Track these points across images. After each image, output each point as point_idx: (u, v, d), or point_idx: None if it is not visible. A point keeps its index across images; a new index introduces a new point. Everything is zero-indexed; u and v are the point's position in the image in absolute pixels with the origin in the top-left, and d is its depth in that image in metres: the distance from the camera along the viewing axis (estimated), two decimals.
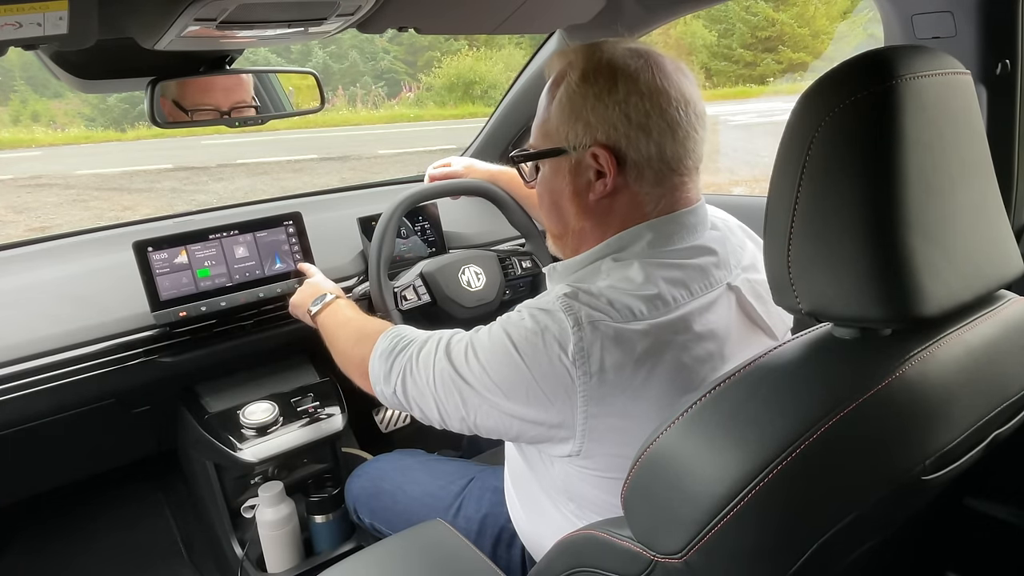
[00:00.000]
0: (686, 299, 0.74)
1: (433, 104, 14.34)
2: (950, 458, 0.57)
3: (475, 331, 0.80)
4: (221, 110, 1.20)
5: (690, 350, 0.72)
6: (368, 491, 1.18)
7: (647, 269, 0.74)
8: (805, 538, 0.51)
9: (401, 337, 0.88)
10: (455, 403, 0.78)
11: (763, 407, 0.53)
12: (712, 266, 0.77)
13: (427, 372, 0.80)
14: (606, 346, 0.69)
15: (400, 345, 0.86)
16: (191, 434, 1.36)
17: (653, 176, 0.76)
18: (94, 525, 1.60)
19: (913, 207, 0.51)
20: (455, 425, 0.81)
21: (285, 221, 1.40)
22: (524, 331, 0.72)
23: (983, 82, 0.95)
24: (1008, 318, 0.62)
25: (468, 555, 0.84)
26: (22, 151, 10.35)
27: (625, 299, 0.72)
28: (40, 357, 1.18)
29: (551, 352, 0.70)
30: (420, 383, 0.81)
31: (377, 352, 0.88)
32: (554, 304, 0.72)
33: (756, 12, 13.73)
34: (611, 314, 0.71)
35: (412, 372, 0.82)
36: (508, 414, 0.74)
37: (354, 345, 0.97)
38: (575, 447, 0.73)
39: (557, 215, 0.83)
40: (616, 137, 0.75)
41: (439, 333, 0.84)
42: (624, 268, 0.75)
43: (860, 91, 0.51)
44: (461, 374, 0.76)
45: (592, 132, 0.75)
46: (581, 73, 0.76)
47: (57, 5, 0.70)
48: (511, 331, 0.74)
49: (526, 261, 1.53)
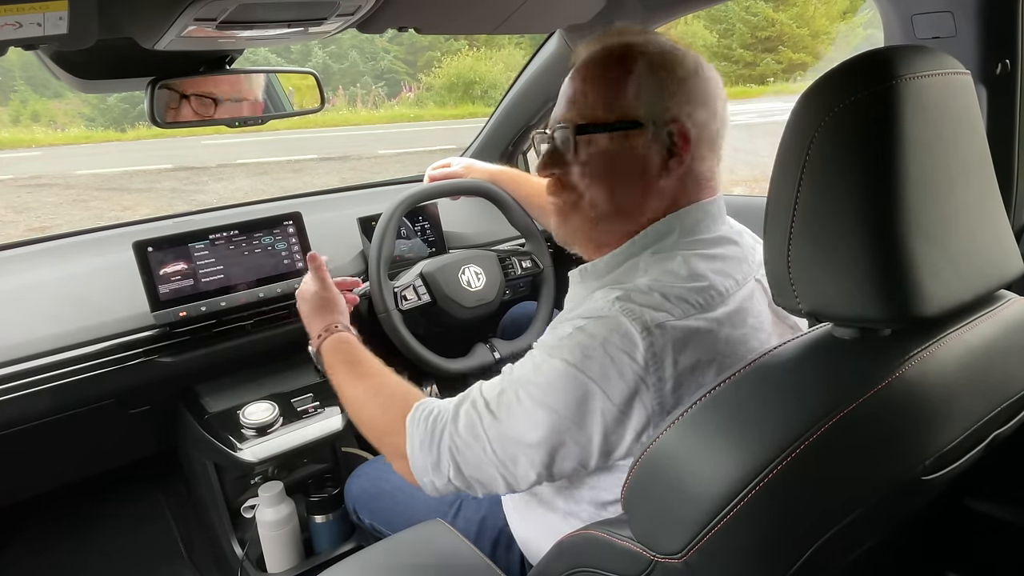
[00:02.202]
0: (735, 288, 0.73)
1: (433, 104, 14.34)
2: (950, 458, 0.57)
3: (511, 373, 0.73)
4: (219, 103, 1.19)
5: (748, 343, 0.71)
6: (368, 491, 1.18)
7: (690, 261, 0.72)
8: (805, 538, 0.51)
9: (433, 416, 0.78)
10: (523, 464, 0.71)
11: (763, 407, 0.53)
12: (740, 257, 0.77)
13: (479, 446, 0.72)
14: (678, 348, 0.66)
15: (437, 427, 0.77)
16: (191, 434, 1.36)
17: (710, 159, 0.78)
18: (94, 525, 1.60)
19: (913, 207, 0.51)
20: (526, 486, 0.73)
21: (285, 221, 1.40)
22: (582, 347, 0.67)
23: (983, 82, 0.95)
24: (1008, 318, 0.62)
25: (468, 555, 0.84)
26: (22, 151, 10.34)
27: (679, 292, 0.69)
28: (40, 357, 1.18)
29: (619, 363, 0.66)
30: (476, 462, 0.73)
31: (415, 444, 0.78)
32: (610, 310, 0.68)
33: (756, 12, 13.75)
34: (673, 311, 0.68)
35: (460, 452, 0.74)
36: (584, 446, 0.69)
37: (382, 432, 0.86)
38: None
39: (610, 195, 0.78)
40: (695, 116, 0.75)
41: (467, 396, 0.76)
42: (665, 261, 0.73)
43: (860, 91, 0.51)
44: (520, 429, 0.70)
45: (675, 109, 0.75)
46: (663, 57, 0.76)
47: (57, 5, 0.70)
48: (566, 354, 0.68)
49: (526, 261, 1.53)
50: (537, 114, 1.73)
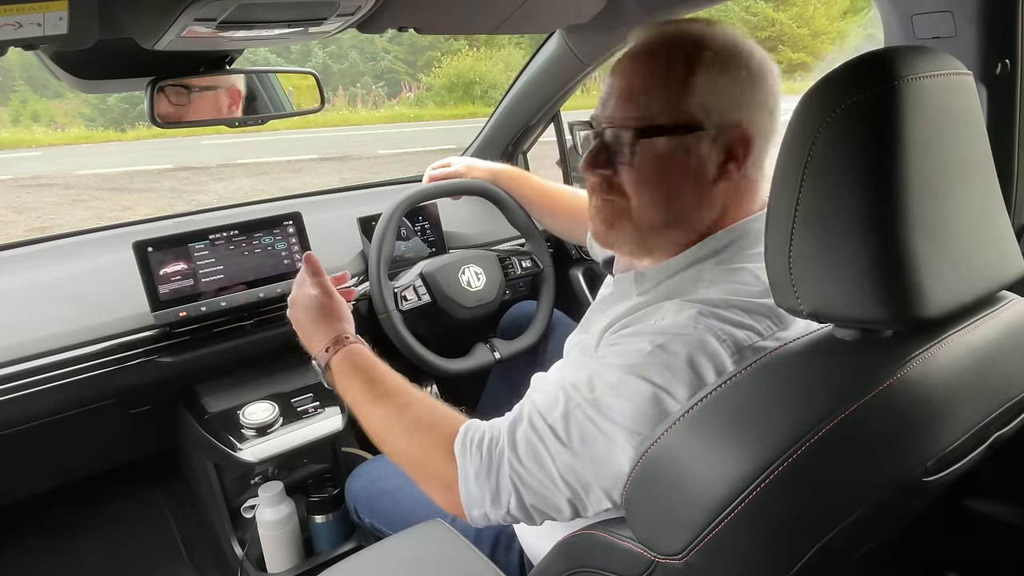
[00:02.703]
0: None
1: (433, 104, 14.34)
2: (951, 459, 0.57)
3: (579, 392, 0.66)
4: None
5: None
6: (368, 491, 1.18)
7: (758, 274, 0.68)
8: (806, 539, 0.51)
9: (488, 442, 0.71)
10: (598, 493, 0.65)
11: (764, 408, 0.53)
12: None
13: (547, 475, 0.66)
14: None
15: (494, 454, 0.69)
16: (191, 434, 1.36)
17: (759, 170, 0.74)
18: (94, 525, 1.60)
19: (914, 208, 0.51)
20: (594, 512, 0.67)
21: (285, 221, 1.40)
22: (666, 369, 0.62)
23: (983, 82, 0.95)
24: (1009, 319, 0.62)
25: (467, 555, 0.84)
26: (22, 151, 10.35)
27: (757, 308, 0.65)
28: (40, 357, 1.18)
29: (707, 383, 0.61)
30: (542, 491, 0.67)
31: (470, 475, 0.70)
32: (694, 327, 0.63)
33: (756, 12, 13.75)
34: (757, 329, 0.64)
35: (525, 483, 0.67)
36: None
37: (416, 457, 0.78)
38: None
39: (664, 199, 0.73)
40: (760, 122, 0.72)
41: (521, 416, 0.70)
42: (734, 273, 0.69)
43: (861, 92, 0.51)
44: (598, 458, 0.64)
45: (739, 112, 0.70)
46: (730, 53, 0.71)
47: (57, 5, 0.70)
48: (648, 374, 0.62)
49: (526, 261, 1.53)
50: (537, 114, 1.73)
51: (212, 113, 1.19)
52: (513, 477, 0.68)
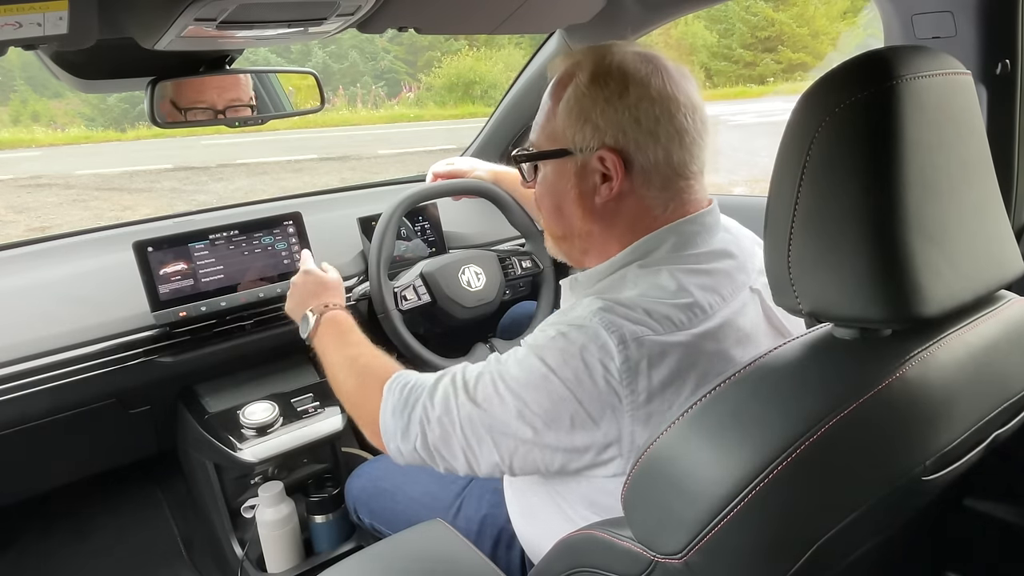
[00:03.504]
0: (720, 305, 0.73)
1: (433, 104, 14.35)
2: (950, 458, 0.57)
3: (495, 362, 0.75)
4: (216, 109, 1.19)
5: (731, 358, 0.71)
6: (368, 491, 1.18)
7: (677, 276, 0.72)
8: (805, 538, 0.51)
9: (409, 385, 0.81)
10: (487, 449, 0.73)
11: (763, 408, 0.53)
12: (735, 269, 0.76)
13: (449, 420, 0.75)
14: (653, 362, 0.67)
15: (411, 396, 0.79)
16: (191, 434, 1.36)
17: (660, 181, 0.76)
18: (94, 525, 1.60)
19: (913, 207, 0.51)
20: (485, 471, 0.75)
21: (285, 221, 1.40)
22: (560, 353, 0.68)
23: (983, 82, 0.95)
24: (1008, 318, 0.62)
25: (468, 555, 0.84)
26: (22, 151, 10.35)
27: (662, 309, 0.69)
28: (40, 357, 1.18)
29: (594, 373, 0.67)
30: (443, 434, 0.75)
31: (388, 408, 0.81)
32: (591, 320, 0.69)
33: (756, 12, 13.75)
34: (652, 327, 0.68)
35: (430, 423, 0.76)
36: (551, 447, 0.70)
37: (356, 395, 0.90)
38: (622, 466, 0.69)
39: (559, 217, 0.82)
40: (625, 141, 0.74)
41: (447, 373, 0.79)
42: (653, 275, 0.73)
43: (860, 91, 0.51)
44: (491, 414, 0.71)
45: (600, 135, 0.74)
46: (591, 75, 0.75)
47: (57, 5, 0.70)
48: (546, 356, 0.69)
49: (526, 261, 1.53)
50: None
51: (210, 113, 1.20)
52: (423, 418, 0.77)
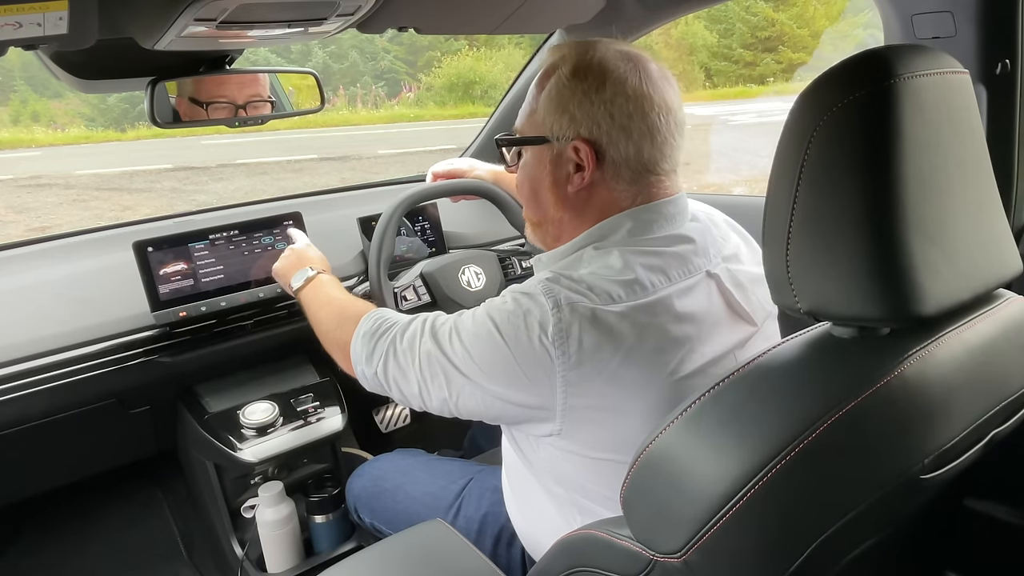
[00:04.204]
0: (664, 284, 0.76)
1: (433, 104, 14.35)
2: (949, 457, 0.57)
3: (459, 314, 0.81)
4: (236, 103, 1.20)
5: (667, 332, 0.74)
6: (368, 491, 1.19)
7: (626, 256, 0.76)
8: (804, 537, 0.51)
9: (384, 319, 0.89)
10: (439, 384, 0.80)
11: (762, 406, 0.53)
12: (691, 253, 0.79)
13: (411, 353, 0.82)
14: (584, 327, 0.71)
15: (383, 326, 0.88)
16: (191, 434, 1.36)
17: (629, 175, 0.79)
18: (94, 525, 1.60)
19: (911, 206, 0.51)
20: (435, 406, 0.82)
21: (285, 221, 1.40)
22: (506, 314, 0.75)
23: (983, 82, 0.95)
24: (1007, 317, 0.62)
25: (468, 555, 0.84)
26: (22, 151, 10.35)
27: (604, 284, 0.74)
28: (40, 357, 1.18)
29: (532, 333, 0.72)
30: (403, 364, 0.83)
31: (360, 333, 0.89)
32: (535, 288, 0.75)
33: (756, 12, 13.75)
34: (590, 297, 0.73)
35: (395, 353, 0.84)
36: (490, 395, 0.77)
37: (336, 327, 0.98)
38: (555, 427, 0.75)
39: (536, 203, 0.86)
40: (598, 134, 0.77)
41: (422, 315, 0.86)
42: (604, 256, 0.77)
43: (858, 90, 0.51)
44: (447, 355, 0.79)
45: (576, 126, 0.78)
46: (572, 68, 0.78)
47: (57, 5, 0.70)
48: (494, 314, 0.76)
49: (526, 261, 1.53)
50: None
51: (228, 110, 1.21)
52: (390, 348, 0.85)
